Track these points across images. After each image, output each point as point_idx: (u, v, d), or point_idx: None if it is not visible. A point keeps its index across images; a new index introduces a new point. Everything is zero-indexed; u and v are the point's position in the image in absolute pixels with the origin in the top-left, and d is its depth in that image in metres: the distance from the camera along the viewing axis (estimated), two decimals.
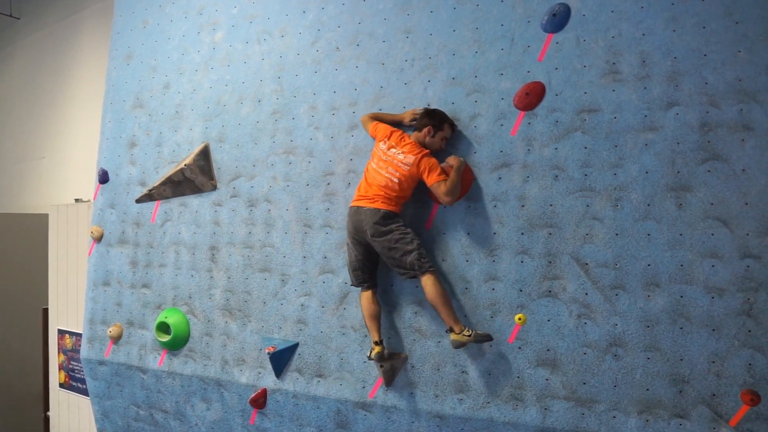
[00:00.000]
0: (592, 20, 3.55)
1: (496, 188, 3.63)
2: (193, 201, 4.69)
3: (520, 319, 3.49)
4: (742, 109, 3.19)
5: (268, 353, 4.14)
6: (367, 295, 3.74)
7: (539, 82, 3.59)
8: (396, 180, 3.61)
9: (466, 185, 3.66)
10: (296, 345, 4.12)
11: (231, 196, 4.52)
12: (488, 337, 3.46)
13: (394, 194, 3.62)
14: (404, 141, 3.69)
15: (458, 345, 3.46)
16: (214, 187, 4.61)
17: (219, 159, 4.62)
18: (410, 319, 3.78)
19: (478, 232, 3.65)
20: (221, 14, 4.81)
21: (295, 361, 4.11)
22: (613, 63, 3.47)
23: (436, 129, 3.66)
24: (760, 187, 3.12)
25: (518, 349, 3.49)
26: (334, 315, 4.02)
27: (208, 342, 4.48)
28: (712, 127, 3.24)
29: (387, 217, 3.60)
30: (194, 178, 4.64)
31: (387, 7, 4.13)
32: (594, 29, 3.54)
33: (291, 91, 4.39)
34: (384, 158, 3.67)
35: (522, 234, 3.55)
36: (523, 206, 3.56)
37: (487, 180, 3.66)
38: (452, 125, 3.72)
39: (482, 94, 3.75)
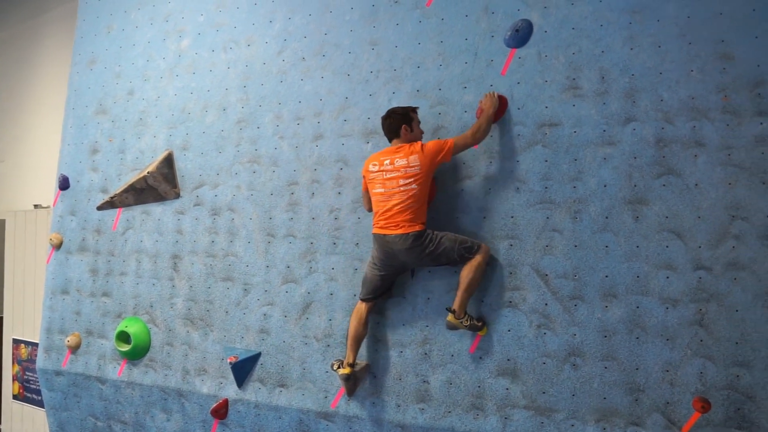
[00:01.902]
0: (553, 37, 3.64)
1: (459, 200, 3.68)
2: (156, 209, 4.64)
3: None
4: (694, 126, 3.30)
5: (230, 363, 4.10)
6: (362, 310, 3.63)
7: (502, 96, 3.65)
8: (415, 186, 3.43)
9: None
10: (258, 355, 4.10)
11: (194, 205, 4.49)
12: (482, 327, 3.48)
13: (417, 206, 3.45)
14: (395, 149, 3.54)
15: (451, 327, 3.45)
16: (178, 195, 4.58)
17: (183, 167, 4.59)
18: (372, 328, 3.79)
19: None
20: (187, 22, 4.79)
21: (257, 371, 4.09)
22: (574, 78, 3.56)
23: (408, 121, 3.56)
24: (711, 201, 3.23)
25: (479, 359, 3.53)
26: (297, 325, 4.01)
27: (169, 351, 4.42)
28: (667, 142, 3.34)
29: (417, 238, 3.43)
30: (157, 186, 4.60)
31: (353, 19, 4.17)
32: (555, 45, 3.62)
33: (256, 100, 4.39)
34: (389, 176, 3.49)
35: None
36: (484, 218, 3.61)
37: (449, 192, 3.71)
38: (413, 108, 3.63)
39: (446, 106, 3.81)
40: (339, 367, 3.64)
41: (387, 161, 3.52)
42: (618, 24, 3.52)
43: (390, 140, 3.64)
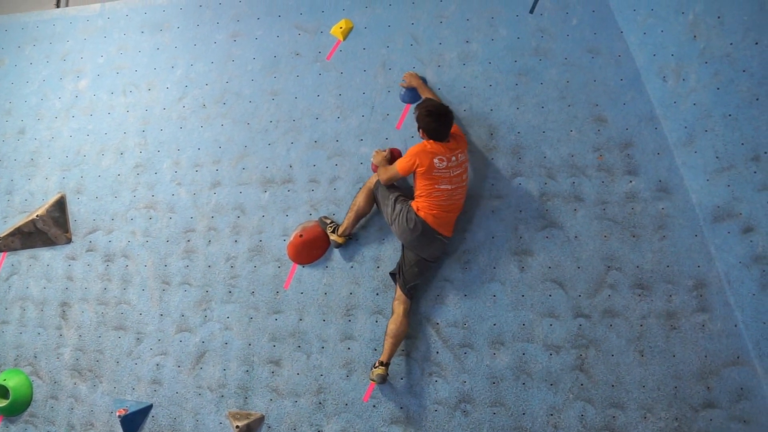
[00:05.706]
0: (445, 94, 3.83)
1: (353, 250, 3.76)
2: (45, 254, 4.44)
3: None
4: (574, 182, 3.54)
5: (119, 416, 3.93)
6: (408, 306, 3.53)
7: (396, 149, 3.77)
8: (466, 177, 3.54)
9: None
10: (150, 407, 3.96)
11: (87, 250, 4.33)
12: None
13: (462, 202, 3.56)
14: (453, 145, 3.49)
15: (383, 380, 3.50)
16: (69, 240, 4.41)
17: (75, 211, 4.43)
18: (267, 378, 3.76)
19: (336, 293, 3.75)
20: (86, 62, 4.69)
21: (148, 424, 3.94)
22: (464, 134, 3.74)
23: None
24: (589, 252, 3.45)
25: (373, 407, 3.56)
26: (191, 375, 3.91)
27: (53, 405, 4.18)
28: (549, 197, 3.56)
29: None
30: (47, 230, 4.41)
31: (255, 69, 4.23)
32: (447, 102, 3.80)
33: (155, 145, 4.33)
34: (456, 172, 3.45)
35: (377, 294, 3.67)
36: (378, 267, 3.69)
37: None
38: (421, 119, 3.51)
39: (342, 157, 3.91)
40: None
41: (453, 158, 3.44)
42: (505, 85, 3.75)
43: (442, 139, 3.47)
